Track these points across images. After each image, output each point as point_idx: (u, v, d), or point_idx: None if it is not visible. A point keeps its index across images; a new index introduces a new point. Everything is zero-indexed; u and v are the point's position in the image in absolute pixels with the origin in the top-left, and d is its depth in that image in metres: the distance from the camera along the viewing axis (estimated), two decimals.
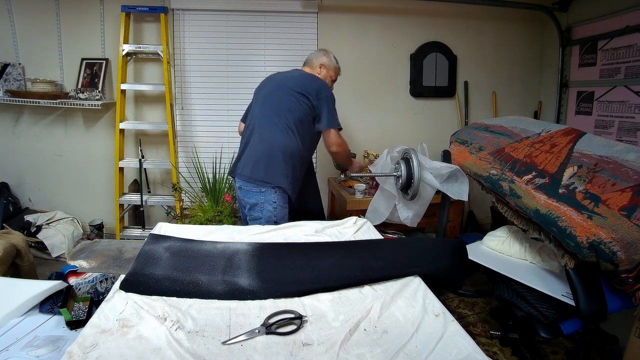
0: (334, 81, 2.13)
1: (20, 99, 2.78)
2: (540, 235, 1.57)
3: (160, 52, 2.84)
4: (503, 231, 1.93)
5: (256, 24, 3.03)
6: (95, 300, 1.26)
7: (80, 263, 1.26)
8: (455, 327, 0.92)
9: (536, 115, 3.45)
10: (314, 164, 3.27)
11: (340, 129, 1.96)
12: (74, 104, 2.82)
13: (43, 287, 1.19)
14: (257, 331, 0.89)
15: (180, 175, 2.99)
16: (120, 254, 1.32)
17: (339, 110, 1.93)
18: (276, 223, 1.76)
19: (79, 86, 2.91)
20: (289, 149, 1.82)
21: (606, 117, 2.82)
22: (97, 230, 3.13)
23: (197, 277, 1.10)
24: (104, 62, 2.95)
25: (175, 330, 0.88)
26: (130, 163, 2.98)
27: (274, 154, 1.81)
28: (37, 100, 2.75)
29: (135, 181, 3.17)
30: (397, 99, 3.30)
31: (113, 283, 1.23)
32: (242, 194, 1.88)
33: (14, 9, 2.85)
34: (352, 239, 1.46)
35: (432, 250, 1.33)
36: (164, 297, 1.01)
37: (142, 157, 2.98)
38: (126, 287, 1.04)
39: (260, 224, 1.75)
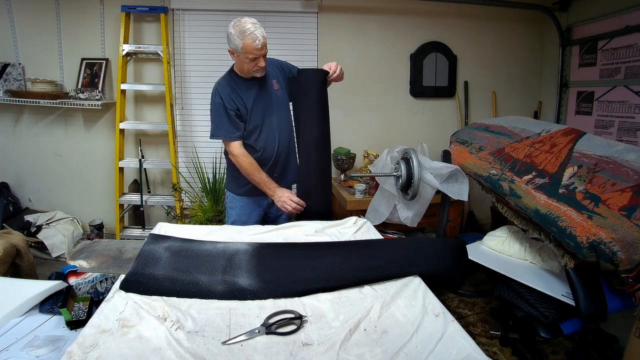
0: (255, 58, 1.64)
1: (20, 99, 2.78)
2: (540, 235, 1.56)
3: (160, 52, 2.84)
4: (503, 231, 1.93)
5: None
6: (95, 300, 1.26)
7: (80, 263, 1.26)
8: (455, 327, 0.92)
9: (536, 115, 3.45)
10: None
11: (228, 140, 1.77)
12: (74, 104, 2.82)
13: (43, 287, 1.18)
14: (257, 331, 0.89)
15: (180, 175, 2.99)
16: (120, 254, 1.32)
17: (339, 110, 1.90)
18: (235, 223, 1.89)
19: (79, 86, 2.91)
20: None
21: (606, 117, 2.82)
22: (97, 230, 3.13)
23: (197, 277, 1.10)
24: (104, 62, 2.95)
25: (175, 330, 0.88)
26: (130, 163, 2.98)
27: None
28: (37, 100, 2.75)
29: (135, 181, 3.17)
30: (397, 99, 3.30)
31: (113, 283, 1.23)
32: None
33: (14, 9, 2.85)
34: (352, 239, 1.46)
35: (432, 250, 1.32)
36: (164, 297, 1.01)
37: (142, 157, 2.98)
38: (126, 287, 1.04)
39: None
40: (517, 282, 1.60)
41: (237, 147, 1.77)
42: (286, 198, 1.78)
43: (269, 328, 0.89)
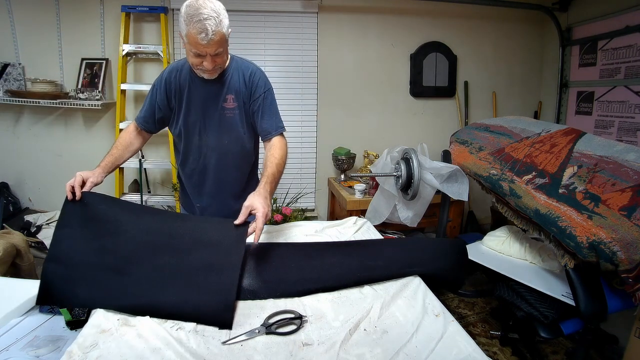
0: (199, 55, 1.26)
1: (20, 99, 2.77)
2: (540, 235, 1.57)
3: (160, 52, 2.84)
4: (503, 231, 1.93)
5: (256, 24, 3.03)
6: None
7: None
8: (455, 327, 0.92)
9: (536, 115, 3.45)
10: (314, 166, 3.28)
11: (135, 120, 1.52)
12: (74, 104, 2.82)
13: None
14: (257, 331, 0.89)
15: None
16: None
17: (339, 110, 1.86)
18: None
19: (79, 86, 2.90)
20: None
21: (606, 117, 2.82)
22: None
23: None
24: (104, 62, 2.95)
25: (176, 330, 0.88)
26: (130, 163, 2.98)
27: None
28: (37, 100, 2.75)
29: (135, 181, 3.16)
30: (397, 99, 3.30)
31: None
32: None
33: (14, 9, 2.85)
34: (352, 239, 1.46)
35: (432, 250, 1.32)
36: None
37: (142, 157, 2.98)
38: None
39: None
40: (517, 282, 1.60)
41: (131, 126, 1.51)
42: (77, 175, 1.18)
43: (269, 328, 0.89)
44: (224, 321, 0.92)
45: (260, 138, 1.50)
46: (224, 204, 1.54)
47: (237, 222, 1.14)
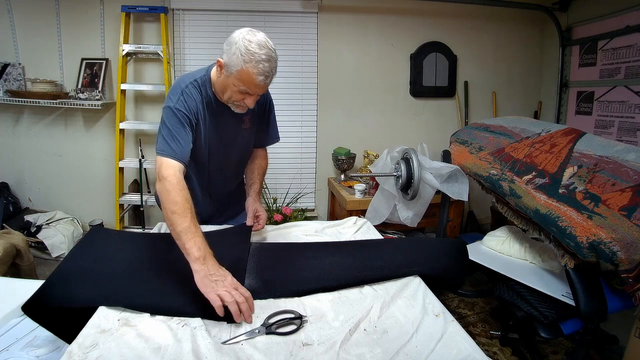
0: (245, 93, 1.19)
1: (20, 99, 2.78)
2: (540, 235, 1.57)
3: (160, 52, 2.84)
4: (503, 231, 1.93)
5: (256, 24, 3.03)
6: None
7: None
8: (455, 327, 0.92)
9: (536, 115, 3.45)
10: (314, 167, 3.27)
11: (173, 157, 1.16)
12: (74, 104, 2.82)
13: None
14: (257, 331, 0.89)
15: None
16: None
17: (339, 110, 1.85)
18: None
19: (79, 86, 2.91)
20: None
21: (606, 117, 2.82)
22: None
23: None
24: (104, 62, 2.95)
25: (182, 327, 0.88)
26: (130, 163, 2.98)
27: None
28: (37, 100, 2.75)
29: (135, 181, 3.17)
30: (397, 99, 3.30)
31: None
32: None
33: (14, 9, 2.85)
34: (352, 239, 1.46)
35: (432, 250, 1.32)
36: None
37: (142, 157, 2.98)
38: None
39: None
40: (517, 282, 1.60)
41: (176, 170, 1.14)
42: (228, 286, 0.95)
43: (269, 328, 0.89)
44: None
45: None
46: (227, 215, 1.62)
47: (248, 223, 1.38)
